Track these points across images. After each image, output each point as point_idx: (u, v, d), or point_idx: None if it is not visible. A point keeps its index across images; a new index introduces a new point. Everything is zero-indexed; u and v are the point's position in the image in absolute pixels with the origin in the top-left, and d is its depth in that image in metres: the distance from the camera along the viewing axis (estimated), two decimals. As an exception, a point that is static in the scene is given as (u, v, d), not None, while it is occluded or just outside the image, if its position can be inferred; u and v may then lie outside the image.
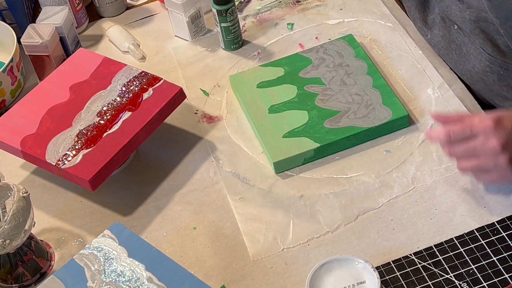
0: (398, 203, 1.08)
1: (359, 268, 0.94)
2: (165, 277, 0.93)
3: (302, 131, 1.17)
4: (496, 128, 0.97)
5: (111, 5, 1.49)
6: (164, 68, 1.37)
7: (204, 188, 1.15)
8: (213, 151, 1.20)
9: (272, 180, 1.14)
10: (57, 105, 1.19)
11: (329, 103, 1.20)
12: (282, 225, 1.08)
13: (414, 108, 1.20)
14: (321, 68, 1.26)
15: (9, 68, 1.31)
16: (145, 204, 1.15)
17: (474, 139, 0.98)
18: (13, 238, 0.98)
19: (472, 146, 0.98)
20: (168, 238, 1.09)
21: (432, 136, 1.02)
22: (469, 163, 1.00)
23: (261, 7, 1.45)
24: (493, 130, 0.97)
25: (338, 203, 1.09)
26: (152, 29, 1.46)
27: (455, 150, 1.01)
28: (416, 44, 1.31)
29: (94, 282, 0.94)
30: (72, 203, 1.17)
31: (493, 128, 0.97)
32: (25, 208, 0.99)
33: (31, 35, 1.32)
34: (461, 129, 0.99)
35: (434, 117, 1.05)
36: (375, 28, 1.36)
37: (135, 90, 1.19)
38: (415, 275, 0.98)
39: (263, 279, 1.02)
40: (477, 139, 0.98)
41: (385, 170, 1.12)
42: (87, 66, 1.25)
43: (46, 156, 1.11)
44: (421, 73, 1.26)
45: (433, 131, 1.02)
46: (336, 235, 1.05)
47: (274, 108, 1.21)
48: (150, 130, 1.16)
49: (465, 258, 0.99)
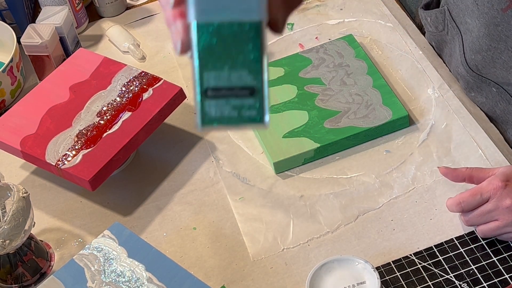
0: (398, 203, 1.08)
1: (359, 268, 0.94)
2: (165, 277, 0.93)
3: (302, 131, 1.17)
4: (506, 188, 0.96)
5: (111, 5, 1.49)
6: (164, 68, 1.36)
7: (204, 188, 1.15)
8: (213, 151, 1.20)
9: (272, 180, 1.14)
10: (57, 105, 1.19)
11: (329, 103, 1.20)
12: (282, 225, 1.08)
13: (414, 108, 1.20)
14: (321, 68, 1.26)
15: (9, 68, 1.31)
16: (145, 204, 1.15)
17: (487, 203, 0.97)
18: (13, 238, 0.98)
19: (487, 210, 0.97)
20: (168, 238, 1.09)
21: (447, 207, 1.02)
22: (489, 226, 0.99)
23: (261, 7, 1.45)
24: (504, 190, 0.96)
25: (338, 203, 1.09)
26: (152, 29, 1.46)
27: (470, 217, 1.00)
28: (416, 44, 1.30)
29: (94, 282, 0.94)
30: (72, 203, 1.17)
31: (503, 188, 0.96)
32: (25, 208, 0.99)
33: (31, 35, 1.32)
34: (470, 195, 0.98)
35: (442, 172, 1.04)
36: (375, 28, 1.36)
37: (135, 90, 1.19)
38: (415, 275, 0.98)
39: (263, 279, 1.02)
40: (489, 203, 0.97)
41: (385, 170, 1.12)
42: (87, 66, 1.25)
43: (46, 156, 1.11)
44: (421, 73, 1.26)
45: (447, 203, 1.01)
46: (336, 235, 1.05)
47: (274, 108, 1.21)
48: (150, 130, 1.16)
49: (465, 259, 0.99)
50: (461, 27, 1.16)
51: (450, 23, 1.19)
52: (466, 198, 0.98)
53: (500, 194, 0.96)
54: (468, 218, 1.00)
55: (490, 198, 0.97)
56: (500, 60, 1.08)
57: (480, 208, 0.98)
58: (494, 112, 1.16)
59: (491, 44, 1.08)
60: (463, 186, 1.07)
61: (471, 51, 1.13)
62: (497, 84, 1.13)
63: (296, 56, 1.30)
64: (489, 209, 0.97)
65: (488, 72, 1.12)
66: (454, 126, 1.16)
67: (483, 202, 0.98)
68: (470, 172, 1.01)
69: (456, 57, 1.19)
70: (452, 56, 1.22)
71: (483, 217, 0.98)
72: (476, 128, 1.15)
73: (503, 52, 1.07)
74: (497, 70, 1.10)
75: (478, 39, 1.10)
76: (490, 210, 0.97)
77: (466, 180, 1.02)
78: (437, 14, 1.23)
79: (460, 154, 1.12)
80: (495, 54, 1.08)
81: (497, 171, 0.99)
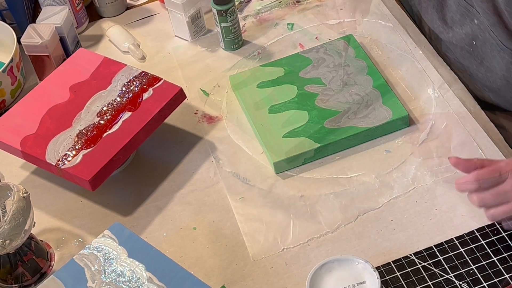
0: (398, 203, 1.08)
1: (359, 268, 0.94)
2: (165, 277, 0.93)
3: (302, 131, 1.17)
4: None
5: (111, 5, 1.49)
6: (164, 68, 1.36)
7: (204, 188, 1.15)
8: (213, 151, 1.20)
9: (272, 180, 1.14)
10: (57, 105, 1.19)
11: (329, 103, 1.20)
12: (282, 225, 1.08)
13: (414, 108, 1.20)
14: (321, 68, 1.26)
15: (9, 68, 1.31)
16: (145, 204, 1.15)
17: (503, 183, 0.95)
18: (13, 238, 0.98)
19: (503, 190, 0.95)
20: (168, 238, 1.09)
21: (460, 185, 0.99)
22: (500, 209, 0.96)
23: (261, 7, 1.45)
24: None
25: (338, 203, 1.09)
26: (152, 29, 1.46)
27: (485, 197, 0.97)
28: (416, 44, 1.30)
29: (94, 282, 0.94)
30: (72, 203, 1.17)
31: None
32: (25, 208, 0.99)
33: (31, 35, 1.32)
34: (489, 172, 0.95)
35: (453, 162, 1.00)
36: (375, 28, 1.36)
37: (135, 90, 1.19)
38: (415, 275, 0.98)
39: (263, 279, 1.02)
40: (507, 183, 0.95)
41: (385, 170, 1.12)
42: (87, 66, 1.25)
43: (46, 156, 1.11)
44: (421, 73, 1.26)
45: (461, 180, 0.98)
46: (336, 235, 1.05)
47: (274, 108, 1.21)
48: (150, 130, 1.16)
49: (465, 258, 0.99)
50: None
51: None
52: (484, 175, 0.95)
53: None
54: (482, 196, 0.96)
55: (508, 178, 0.94)
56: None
57: (496, 187, 0.95)
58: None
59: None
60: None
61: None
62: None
63: (296, 56, 1.30)
64: (505, 189, 0.94)
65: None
66: (454, 126, 1.16)
67: (501, 182, 0.95)
68: (482, 162, 0.98)
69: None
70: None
71: (498, 197, 0.95)
72: (476, 128, 1.15)
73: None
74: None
75: None
76: (506, 191, 0.94)
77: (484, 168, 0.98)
78: None
79: (460, 154, 1.12)
80: None
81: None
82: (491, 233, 1.01)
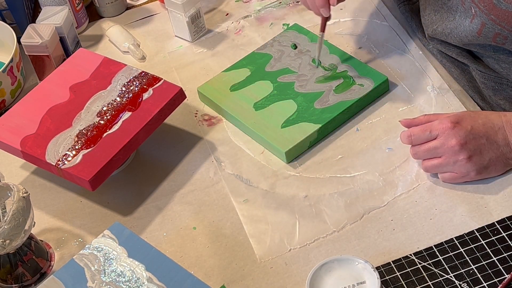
0: (398, 203, 1.08)
1: (359, 268, 0.94)
2: (165, 277, 0.93)
3: (298, 117, 1.19)
4: (454, 129, 1.03)
5: (111, 5, 1.49)
6: (164, 68, 1.36)
7: (204, 188, 1.15)
8: (213, 151, 1.20)
9: (275, 181, 1.14)
10: (57, 105, 1.19)
11: (309, 87, 1.23)
12: (288, 225, 1.08)
13: (414, 108, 1.20)
14: (284, 59, 1.29)
15: (9, 68, 1.31)
16: (145, 204, 1.15)
17: (435, 140, 1.04)
18: (13, 238, 0.98)
19: (433, 147, 1.05)
20: (168, 238, 1.09)
21: (401, 138, 1.09)
22: (432, 162, 1.06)
23: (261, 7, 1.45)
24: (452, 131, 1.03)
25: (343, 202, 1.09)
26: (152, 29, 1.46)
27: (418, 151, 1.07)
28: (416, 44, 1.30)
29: (94, 282, 0.94)
30: (72, 203, 1.17)
31: (452, 129, 1.03)
32: (25, 208, 0.99)
33: (31, 35, 1.32)
34: (420, 130, 1.06)
35: (404, 123, 1.10)
36: (373, 27, 1.36)
37: (135, 90, 1.19)
38: (415, 275, 0.98)
39: (263, 279, 1.02)
40: (437, 140, 1.04)
41: (389, 168, 1.12)
42: (87, 66, 1.25)
43: (46, 156, 1.11)
44: (420, 73, 1.26)
45: (400, 134, 1.09)
46: (336, 235, 1.05)
47: (258, 105, 1.22)
48: (150, 130, 1.16)
49: (465, 258, 0.99)
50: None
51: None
52: (416, 132, 1.06)
53: (447, 133, 1.03)
54: (415, 151, 1.07)
55: (438, 136, 1.04)
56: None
57: (427, 143, 1.05)
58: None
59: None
60: (463, 186, 1.07)
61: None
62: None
63: (253, 54, 1.31)
64: (435, 146, 1.04)
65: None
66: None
67: (431, 139, 1.05)
68: (428, 118, 1.08)
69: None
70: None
71: (428, 153, 1.06)
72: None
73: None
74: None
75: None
76: (436, 147, 1.04)
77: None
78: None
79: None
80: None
81: (452, 114, 1.06)
82: (491, 233, 1.01)
